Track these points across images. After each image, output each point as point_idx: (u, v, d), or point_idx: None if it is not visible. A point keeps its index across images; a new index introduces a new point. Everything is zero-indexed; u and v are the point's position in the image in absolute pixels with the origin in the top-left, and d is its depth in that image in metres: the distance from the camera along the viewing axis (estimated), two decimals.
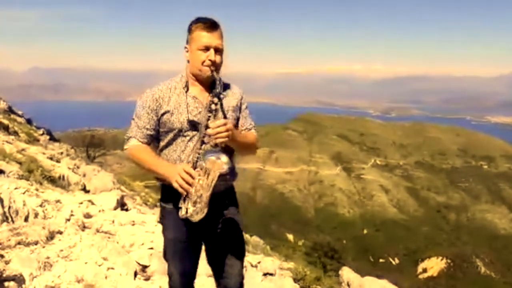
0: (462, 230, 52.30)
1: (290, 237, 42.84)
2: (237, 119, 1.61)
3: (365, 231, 50.69)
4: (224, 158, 1.39)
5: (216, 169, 1.37)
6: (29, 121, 13.96)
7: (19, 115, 13.80)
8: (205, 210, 1.40)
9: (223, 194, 1.58)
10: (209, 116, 1.44)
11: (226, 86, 1.58)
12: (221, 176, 1.41)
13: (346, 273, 4.24)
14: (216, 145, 1.42)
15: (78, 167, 7.38)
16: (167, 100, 1.51)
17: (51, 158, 7.05)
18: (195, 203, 1.40)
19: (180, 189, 1.40)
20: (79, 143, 20.92)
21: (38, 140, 10.32)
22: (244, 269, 1.76)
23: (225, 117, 1.49)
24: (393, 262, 44.93)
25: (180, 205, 1.44)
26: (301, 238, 39.41)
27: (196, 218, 1.41)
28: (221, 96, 1.47)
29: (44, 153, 7.27)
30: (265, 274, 3.36)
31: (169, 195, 1.53)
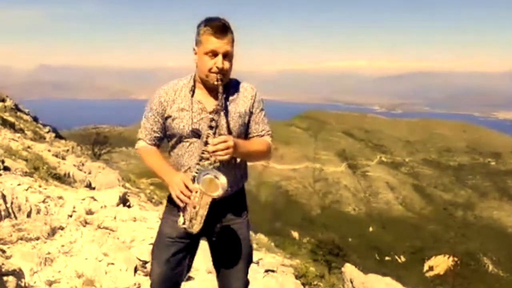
0: (469, 228, 51.75)
1: (295, 234, 42.85)
2: (246, 124, 1.52)
3: (370, 229, 50.51)
4: (222, 179, 1.33)
5: (212, 191, 1.33)
6: (35, 119, 14.12)
7: (25, 113, 13.96)
8: (201, 226, 1.39)
9: (230, 198, 1.53)
10: (208, 133, 1.38)
11: (237, 88, 1.51)
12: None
13: (349, 270, 4.21)
14: (215, 161, 1.36)
15: (83, 164, 7.45)
16: (171, 103, 1.47)
17: (56, 156, 7.11)
18: (191, 219, 1.37)
19: (177, 200, 1.37)
20: (84, 140, 21.10)
21: (44, 138, 10.43)
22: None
23: (229, 132, 1.43)
24: (399, 260, 44.72)
25: (179, 213, 1.41)
26: (306, 235, 39.40)
27: (193, 231, 1.40)
28: (222, 112, 1.40)
29: (49, 151, 7.32)
30: (266, 271, 3.35)
31: None
